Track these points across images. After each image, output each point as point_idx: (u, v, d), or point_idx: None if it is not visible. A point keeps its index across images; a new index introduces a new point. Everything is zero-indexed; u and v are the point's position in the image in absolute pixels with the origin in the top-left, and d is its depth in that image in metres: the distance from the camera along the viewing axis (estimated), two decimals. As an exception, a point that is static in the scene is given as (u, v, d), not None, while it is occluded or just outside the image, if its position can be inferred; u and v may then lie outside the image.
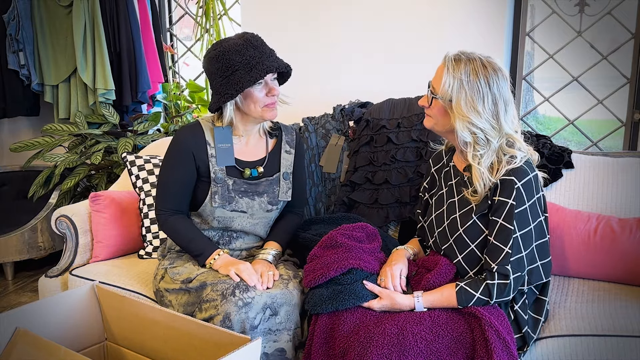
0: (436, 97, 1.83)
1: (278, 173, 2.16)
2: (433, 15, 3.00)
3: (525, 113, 3.37)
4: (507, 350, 1.71)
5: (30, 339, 1.65)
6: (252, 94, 2.00)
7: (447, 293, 1.82)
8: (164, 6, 3.99)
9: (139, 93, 3.58)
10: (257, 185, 2.12)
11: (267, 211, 2.14)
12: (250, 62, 1.96)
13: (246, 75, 1.95)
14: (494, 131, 1.80)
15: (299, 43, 3.23)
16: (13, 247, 3.44)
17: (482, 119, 1.78)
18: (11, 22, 3.58)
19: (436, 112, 1.86)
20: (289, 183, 2.17)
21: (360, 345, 1.71)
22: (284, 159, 2.18)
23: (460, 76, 1.78)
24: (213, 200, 2.06)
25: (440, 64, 1.85)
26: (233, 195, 2.08)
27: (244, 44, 1.98)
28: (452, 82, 1.78)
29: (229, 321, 1.83)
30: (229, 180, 2.08)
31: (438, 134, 1.96)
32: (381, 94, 2.76)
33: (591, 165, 2.42)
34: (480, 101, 1.77)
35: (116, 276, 2.39)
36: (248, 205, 2.10)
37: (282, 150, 2.19)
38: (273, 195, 2.14)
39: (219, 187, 2.06)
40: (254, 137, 2.16)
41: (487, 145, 1.81)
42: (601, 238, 2.20)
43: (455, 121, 1.80)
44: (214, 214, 2.09)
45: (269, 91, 2.01)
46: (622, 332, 1.87)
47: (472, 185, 1.87)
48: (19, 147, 3.48)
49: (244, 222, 2.12)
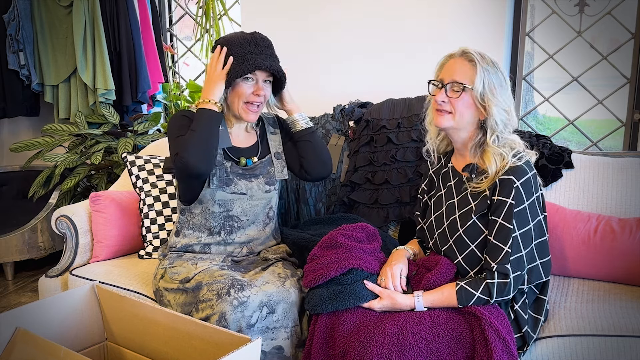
0: (468, 89, 1.84)
1: (269, 154, 2.21)
2: (433, 16, 3.00)
3: (525, 113, 3.37)
4: (507, 350, 1.71)
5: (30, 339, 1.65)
6: (239, 87, 2.05)
7: (447, 292, 1.82)
8: (164, 6, 3.99)
9: (139, 93, 3.58)
10: (253, 169, 2.17)
11: (266, 192, 2.17)
12: (246, 56, 2.02)
13: (237, 66, 2.01)
14: (510, 116, 1.88)
15: (299, 43, 3.23)
16: (13, 247, 3.44)
17: (506, 105, 1.86)
18: (11, 22, 3.58)
19: (461, 105, 1.86)
20: (282, 162, 2.23)
21: (360, 345, 1.71)
22: (271, 140, 2.25)
23: (487, 67, 1.84)
24: (211, 182, 2.09)
25: (452, 60, 1.88)
26: (232, 178, 2.12)
27: (249, 39, 2.05)
28: (483, 73, 1.83)
29: (225, 320, 1.84)
30: (227, 162, 2.12)
31: (449, 131, 1.94)
32: (381, 94, 2.76)
33: (591, 165, 2.42)
34: (505, 89, 1.87)
35: (116, 276, 2.39)
36: (247, 187, 2.14)
37: (267, 133, 2.25)
38: (269, 176, 2.19)
39: (217, 168, 2.09)
40: (242, 132, 2.22)
41: (506, 128, 1.87)
42: (601, 238, 2.20)
43: (491, 108, 1.83)
44: (214, 197, 2.11)
45: (256, 90, 2.05)
46: (622, 332, 1.87)
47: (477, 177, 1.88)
48: (19, 147, 3.48)
49: (244, 204, 2.15)
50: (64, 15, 3.56)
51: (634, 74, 2.92)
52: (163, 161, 2.70)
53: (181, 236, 2.20)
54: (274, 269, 2.07)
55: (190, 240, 2.18)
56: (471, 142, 1.91)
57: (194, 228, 2.17)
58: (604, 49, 2.98)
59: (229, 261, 2.15)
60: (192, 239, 2.18)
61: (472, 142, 1.91)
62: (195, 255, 2.16)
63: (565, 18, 3.02)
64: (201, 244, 2.17)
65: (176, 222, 2.24)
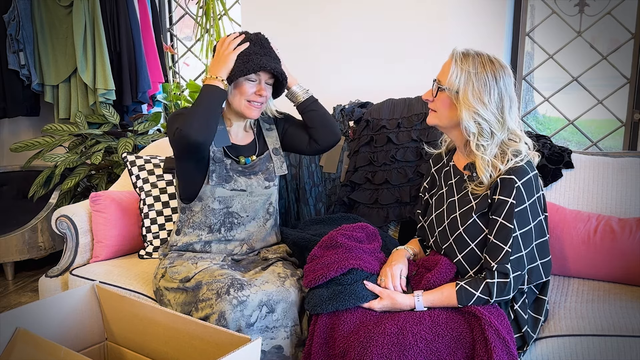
0: (442, 89, 1.85)
1: (267, 150, 2.23)
2: (433, 16, 3.00)
3: (525, 113, 3.37)
4: (506, 350, 1.71)
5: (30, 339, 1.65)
6: (242, 85, 2.06)
7: (447, 292, 1.82)
8: (164, 6, 3.99)
9: (139, 93, 3.58)
10: (252, 167, 2.18)
11: (265, 188, 2.19)
12: (251, 56, 2.03)
13: (242, 65, 2.01)
14: (498, 124, 1.82)
15: (299, 43, 3.23)
16: (13, 247, 3.44)
17: (487, 110, 1.80)
18: (11, 22, 3.58)
19: (441, 104, 1.87)
20: (281, 158, 2.25)
21: (360, 345, 1.71)
22: (268, 137, 2.26)
23: (468, 68, 1.81)
24: (211, 179, 2.10)
25: (447, 60, 1.87)
26: (231, 174, 2.13)
27: (254, 39, 2.07)
28: (459, 74, 1.81)
29: (224, 320, 1.84)
30: (227, 160, 2.13)
31: (441, 130, 1.96)
32: (381, 94, 2.76)
33: (591, 165, 2.42)
34: (487, 93, 1.80)
35: (116, 276, 2.39)
36: (247, 184, 2.15)
37: (263, 130, 2.26)
38: (268, 172, 2.20)
39: (216, 165, 2.11)
40: (241, 131, 2.22)
41: (491, 138, 1.83)
42: (601, 238, 2.20)
43: (461, 111, 1.81)
44: (214, 194, 2.12)
45: (259, 90, 2.07)
46: (622, 332, 1.87)
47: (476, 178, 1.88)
48: (19, 147, 3.48)
49: (244, 201, 2.16)
50: (64, 15, 3.56)
51: (634, 74, 2.92)
52: (163, 161, 2.70)
53: (182, 235, 2.21)
54: (274, 269, 2.08)
55: (191, 238, 2.18)
56: (461, 141, 1.93)
57: (194, 226, 2.18)
58: (604, 49, 2.98)
59: (229, 260, 2.16)
60: (193, 237, 2.18)
61: (461, 141, 1.92)
62: (195, 254, 2.17)
63: (565, 18, 3.02)
64: (202, 242, 2.17)
65: (176, 221, 2.25)
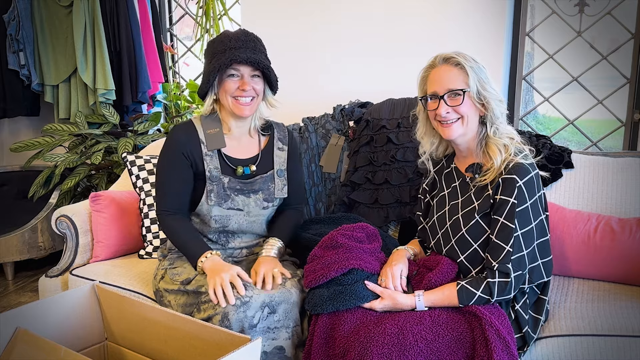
0: (467, 91, 1.86)
1: (272, 170, 2.17)
2: (433, 16, 3.00)
3: (525, 113, 3.36)
4: (507, 350, 1.71)
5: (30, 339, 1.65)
6: (226, 83, 2.04)
7: (448, 292, 1.82)
8: (164, 6, 3.99)
9: (139, 93, 3.58)
10: (252, 184, 2.13)
11: (263, 208, 2.14)
12: (225, 52, 2.00)
13: (216, 61, 2.00)
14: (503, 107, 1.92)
15: (299, 43, 3.23)
16: (13, 247, 3.44)
17: (499, 95, 1.90)
18: (11, 22, 3.58)
19: (467, 109, 1.87)
20: (284, 180, 2.19)
21: (361, 345, 1.71)
22: (277, 156, 2.20)
23: (470, 64, 1.86)
24: (209, 199, 2.07)
25: (435, 70, 1.90)
26: (229, 193, 2.09)
27: (235, 35, 2.04)
28: (470, 71, 1.86)
29: (228, 321, 1.84)
30: (224, 178, 2.09)
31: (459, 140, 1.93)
32: (381, 94, 2.76)
33: (591, 165, 2.42)
34: (491, 81, 1.90)
35: (116, 276, 2.39)
36: (244, 203, 2.11)
37: (275, 148, 2.20)
38: (268, 193, 2.14)
39: (214, 185, 2.07)
40: (245, 136, 2.18)
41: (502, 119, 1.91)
42: (601, 238, 2.20)
43: (489, 102, 1.87)
44: (210, 213, 2.09)
45: (241, 85, 2.03)
46: (622, 332, 1.87)
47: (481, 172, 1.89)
48: (19, 147, 3.48)
49: (240, 220, 2.12)
50: (64, 15, 3.56)
51: (634, 74, 2.92)
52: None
53: None
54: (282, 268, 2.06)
55: None
56: (475, 141, 1.92)
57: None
58: (604, 49, 2.98)
59: (229, 261, 2.15)
60: None
61: (475, 140, 1.92)
62: (195, 255, 2.15)
63: (565, 18, 3.02)
64: None
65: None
